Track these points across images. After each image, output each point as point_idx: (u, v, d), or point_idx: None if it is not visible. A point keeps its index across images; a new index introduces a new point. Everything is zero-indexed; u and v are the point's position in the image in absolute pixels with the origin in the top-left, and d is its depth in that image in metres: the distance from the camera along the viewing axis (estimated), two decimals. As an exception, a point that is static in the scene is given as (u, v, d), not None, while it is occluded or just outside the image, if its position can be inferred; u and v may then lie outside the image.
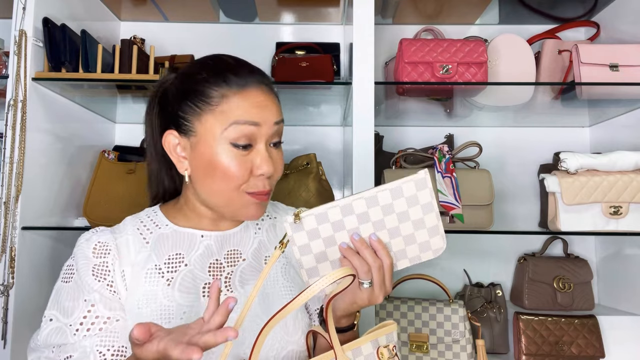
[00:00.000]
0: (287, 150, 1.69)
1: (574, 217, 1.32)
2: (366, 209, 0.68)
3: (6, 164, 1.16)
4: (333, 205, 0.68)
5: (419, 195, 0.69)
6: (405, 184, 0.69)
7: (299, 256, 0.69)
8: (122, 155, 1.51)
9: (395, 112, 1.62)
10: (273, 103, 0.82)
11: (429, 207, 0.70)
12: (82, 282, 0.78)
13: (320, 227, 0.68)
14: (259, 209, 0.81)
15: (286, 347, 0.80)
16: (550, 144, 1.69)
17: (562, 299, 1.51)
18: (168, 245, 0.83)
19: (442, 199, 1.31)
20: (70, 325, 0.76)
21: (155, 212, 0.88)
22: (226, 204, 0.80)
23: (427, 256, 0.73)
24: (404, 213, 0.69)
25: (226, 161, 0.77)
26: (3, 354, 1.13)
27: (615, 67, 1.34)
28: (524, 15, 1.66)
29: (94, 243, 0.81)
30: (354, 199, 0.68)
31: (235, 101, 0.78)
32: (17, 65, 1.18)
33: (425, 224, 0.70)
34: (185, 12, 1.66)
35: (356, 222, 0.69)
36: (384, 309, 1.39)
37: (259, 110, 0.78)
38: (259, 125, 0.78)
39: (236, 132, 0.77)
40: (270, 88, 0.83)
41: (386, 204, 0.69)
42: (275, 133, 0.81)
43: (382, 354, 0.73)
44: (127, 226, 0.85)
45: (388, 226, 0.69)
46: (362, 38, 1.27)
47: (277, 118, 0.81)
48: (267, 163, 0.78)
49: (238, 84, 0.79)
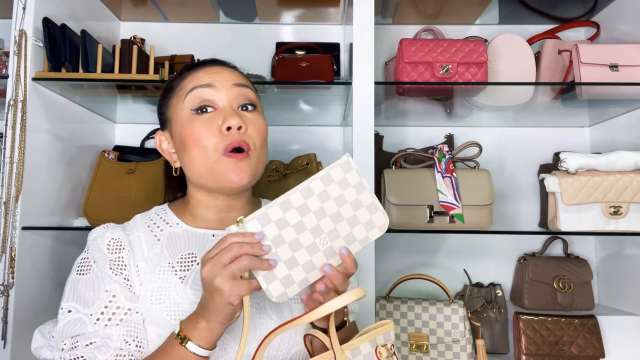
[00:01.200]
0: (287, 150, 1.70)
1: (574, 217, 1.32)
2: (303, 201, 0.70)
3: (6, 164, 1.16)
4: (271, 205, 0.69)
5: (348, 178, 0.73)
6: (332, 169, 0.72)
7: None
8: (122, 155, 1.51)
9: (395, 112, 1.62)
10: (230, 71, 0.86)
11: (360, 186, 0.73)
12: (102, 273, 0.78)
13: (265, 228, 0.69)
14: (239, 171, 0.79)
15: (294, 347, 0.81)
16: (550, 144, 1.69)
17: (562, 299, 1.51)
18: (180, 244, 0.84)
19: (442, 199, 1.31)
20: (91, 315, 0.76)
21: (165, 210, 0.89)
22: (208, 172, 0.81)
23: (374, 234, 0.74)
24: (340, 197, 0.72)
25: (191, 126, 0.81)
26: (3, 354, 1.12)
27: (615, 67, 1.34)
28: (524, 15, 1.66)
29: (107, 240, 0.81)
30: (290, 194, 0.70)
31: (190, 76, 0.85)
32: (17, 65, 1.18)
33: (362, 202, 0.73)
34: (185, 12, 1.66)
35: (298, 215, 0.70)
36: (384, 309, 1.39)
37: (211, 75, 0.84)
38: (213, 87, 0.82)
39: (194, 98, 0.82)
40: (231, 66, 0.89)
41: (321, 192, 0.71)
42: (240, 96, 0.84)
43: (381, 353, 0.73)
44: (137, 223, 0.86)
45: (329, 212, 0.71)
46: (362, 38, 1.27)
47: (236, 81, 0.84)
48: (232, 116, 0.80)
49: (196, 67, 0.86)
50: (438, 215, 1.33)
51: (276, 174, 1.44)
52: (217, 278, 0.65)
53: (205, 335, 0.69)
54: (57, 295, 0.86)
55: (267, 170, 1.45)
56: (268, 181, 1.43)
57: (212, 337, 0.70)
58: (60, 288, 0.85)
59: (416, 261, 1.68)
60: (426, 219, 1.32)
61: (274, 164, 1.47)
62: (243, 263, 0.65)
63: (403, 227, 1.33)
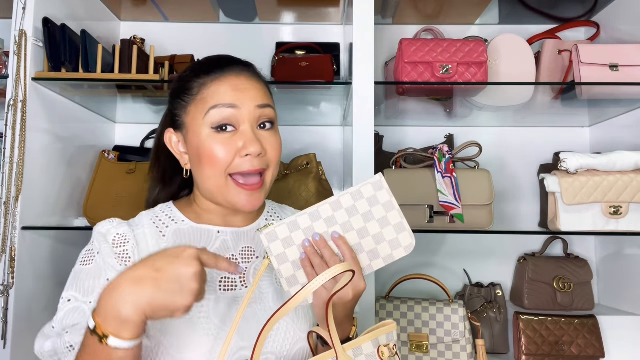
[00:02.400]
0: (287, 150, 1.69)
1: (574, 217, 1.32)
2: (332, 213, 0.74)
3: (6, 164, 1.16)
4: (301, 214, 0.73)
5: (378, 196, 0.75)
6: (363, 187, 0.75)
7: (277, 266, 0.72)
8: (122, 155, 1.51)
9: (395, 112, 1.62)
10: (254, 87, 0.83)
11: (389, 205, 0.75)
12: (105, 263, 0.79)
13: (293, 234, 0.72)
14: (250, 198, 0.81)
15: (298, 343, 0.82)
16: (550, 144, 1.69)
17: (562, 299, 1.51)
18: (185, 240, 0.85)
19: (442, 199, 1.31)
20: (90, 303, 0.76)
21: (170, 207, 0.90)
22: (217, 191, 0.82)
23: (399, 254, 0.76)
24: (368, 213, 0.74)
25: (210, 145, 0.80)
26: (3, 354, 1.12)
27: (615, 67, 1.34)
28: (524, 15, 1.66)
29: (113, 235, 0.82)
30: (319, 205, 0.74)
31: (213, 87, 0.82)
32: (17, 65, 1.18)
33: (390, 221, 0.75)
34: (185, 12, 1.66)
35: (325, 226, 0.73)
36: (384, 309, 1.39)
37: (236, 93, 0.81)
38: (237, 108, 0.80)
39: (215, 116, 0.80)
40: (253, 75, 0.86)
41: (349, 206, 0.74)
42: (262, 116, 0.83)
43: (383, 353, 0.73)
44: (143, 219, 0.87)
45: (355, 227, 0.74)
46: (362, 38, 1.27)
47: (259, 102, 0.82)
48: (253, 142, 0.79)
49: (217, 72, 0.83)
50: (438, 215, 1.33)
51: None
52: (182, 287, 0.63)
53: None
54: (57, 295, 0.86)
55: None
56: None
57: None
58: (61, 288, 0.85)
59: (416, 261, 1.68)
60: (426, 219, 1.32)
61: (274, 164, 1.47)
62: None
63: (403, 227, 1.33)
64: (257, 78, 0.86)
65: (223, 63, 0.85)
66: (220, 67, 0.84)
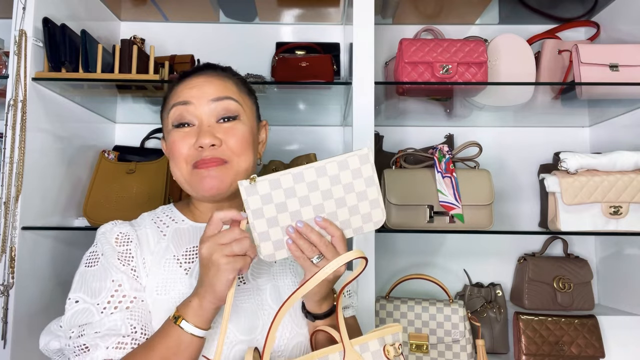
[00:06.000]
0: (287, 150, 1.70)
1: (574, 217, 1.32)
2: (315, 178, 0.73)
3: (6, 164, 1.16)
4: (285, 173, 0.73)
5: (362, 169, 0.75)
6: (350, 158, 0.75)
7: (252, 220, 0.72)
8: (122, 155, 1.51)
9: (395, 112, 1.62)
10: (211, 83, 0.86)
11: (371, 180, 0.76)
12: (109, 264, 0.82)
13: (273, 192, 0.72)
14: (211, 180, 0.83)
15: (295, 337, 0.83)
16: (550, 144, 1.69)
17: (562, 299, 1.51)
18: (185, 238, 0.88)
19: (442, 199, 1.31)
20: (98, 304, 0.79)
21: (170, 209, 0.94)
22: (186, 182, 0.86)
23: (368, 227, 0.77)
24: (349, 185, 0.75)
25: (173, 141, 0.86)
26: (3, 354, 1.12)
27: (615, 67, 1.34)
28: (524, 15, 1.66)
29: (115, 234, 0.85)
30: (305, 168, 0.73)
31: (175, 90, 0.88)
32: (17, 65, 1.18)
33: (368, 196, 0.76)
34: (185, 12, 1.66)
35: (306, 189, 0.73)
36: (384, 309, 1.39)
37: (190, 90, 0.86)
38: (190, 104, 0.85)
39: (173, 114, 0.86)
40: (219, 73, 0.89)
41: (334, 175, 0.74)
42: (221, 109, 0.85)
43: (388, 352, 0.75)
44: (144, 220, 0.90)
45: (335, 196, 0.75)
46: (362, 38, 1.27)
47: (214, 96, 0.85)
48: (204, 135, 0.82)
49: (183, 79, 0.88)
50: (438, 215, 1.33)
51: (276, 174, 1.44)
52: (216, 254, 0.69)
53: (198, 313, 0.72)
54: (57, 295, 0.86)
55: (267, 170, 1.45)
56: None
57: (205, 316, 0.72)
58: (61, 288, 0.85)
59: (416, 261, 1.68)
60: (426, 219, 1.32)
61: (274, 164, 1.47)
62: (244, 245, 0.70)
63: (403, 227, 1.33)
64: (222, 75, 0.89)
65: (197, 68, 0.90)
66: (191, 72, 0.89)
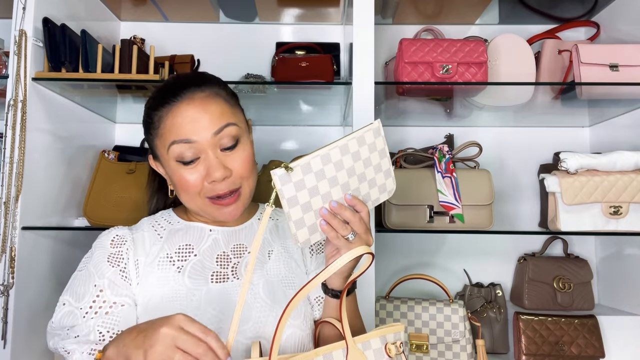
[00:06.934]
0: (287, 150, 1.70)
1: (574, 217, 1.32)
2: (340, 157, 0.74)
3: (6, 164, 1.16)
4: (314, 156, 0.72)
5: (376, 143, 0.78)
6: (366, 133, 0.76)
7: (287, 209, 0.72)
8: (122, 155, 1.51)
9: (395, 112, 1.62)
10: (207, 112, 0.83)
11: (383, 152, 0.79)
12: (95, 269, 0.84)
13: (305, 177, 0.72)
14: (229, 211, 0.86)
15: (288, 329, 0.84)
16: (550, 144, 1.69)
17: (562, 299, 1.51)
18: (179, 236, 0.90)
19: (442, 199, 1.31)
20: (81, 309, 0.81)
21: (169, 213, 0.97)
22: (200, 210, 0.88)
23: (383, 197, 0.81)
24: (368, 159, 0.77)
25: (179, 176, 0.85)
26: (3, 354, 1.12)
27: (615, 67, 1.34)
28: (524, 15, 1.66)
29: (112, 236, 0.89)
30: (330, 149, 0.73)
31: (169, 122, 0.83)
32: (17, 65, 1.18)
33: (382, 167, 0.79)
34: (185, 12, 1.66)
35: (334, 170, 0.74)
36: (384, 309, 1.39)
37: (190, 126, 0.82)
38: (194, 142, 0.82)
39: (175, 151, 0.83)
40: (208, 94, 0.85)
41: (355, 152, 0.75)
42: (223, 138, 0.84)
43: (390, 350, 0.76)
44: (143, 224, 0.93)
45: (357, 172, 0.76)
46: (362, 38, 1.27)
47: (215, 128, 0.83)
48: (215, 169, 0.82)
49: (170, 101, 0.84)
50: (438, 215, 1.33)
51: (276, 174, 1.44)
52: (174, 352, 0.62)
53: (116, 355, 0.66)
54: (57, 295, 0.87)
55: (267, 170, 1.45)
56: (268, 181, 1.43)
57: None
58: (61, 288, 0.86)
59: (416, 261, 1.68)
60: (426, 219, 1.32)
61: (274, 164, 1.47)
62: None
63: (403, 227, 1.33)
64: (214, 96, 0.86)
65: (177, 88, 0.85)
66: (173, 95, 0.84)
